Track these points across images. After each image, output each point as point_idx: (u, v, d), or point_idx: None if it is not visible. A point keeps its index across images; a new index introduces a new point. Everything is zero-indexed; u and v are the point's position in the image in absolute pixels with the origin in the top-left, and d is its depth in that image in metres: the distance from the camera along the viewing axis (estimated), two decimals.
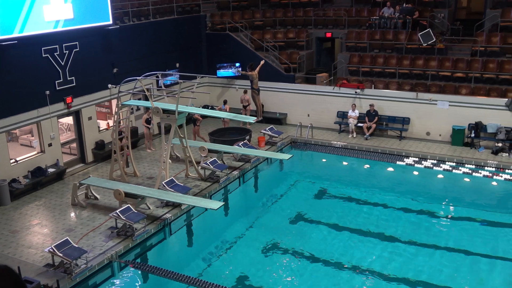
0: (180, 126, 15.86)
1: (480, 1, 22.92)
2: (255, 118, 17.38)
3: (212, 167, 16.16)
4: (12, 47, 15.05)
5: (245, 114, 21.01)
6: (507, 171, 16.94)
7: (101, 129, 18.97)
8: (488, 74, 19.17)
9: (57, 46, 16.51)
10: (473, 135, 18.43)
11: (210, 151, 17.26)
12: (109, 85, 18.59)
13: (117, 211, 12.89)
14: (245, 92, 21.48)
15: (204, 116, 19.97)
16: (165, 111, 15.21)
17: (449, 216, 15.25)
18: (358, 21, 23.31)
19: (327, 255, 12.84)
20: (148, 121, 19.09)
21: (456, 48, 20.79)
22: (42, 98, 16.22)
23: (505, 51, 19.53)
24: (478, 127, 18.39)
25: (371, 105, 19.89)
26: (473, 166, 17.42)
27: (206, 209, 14.02)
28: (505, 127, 17.94)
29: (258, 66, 20.14)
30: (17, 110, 15.57)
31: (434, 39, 20.12)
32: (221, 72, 22.79)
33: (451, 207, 15.73)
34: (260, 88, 20.64)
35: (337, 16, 23.60)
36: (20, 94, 15.56)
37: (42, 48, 16.10)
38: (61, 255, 11.15)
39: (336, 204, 16.11)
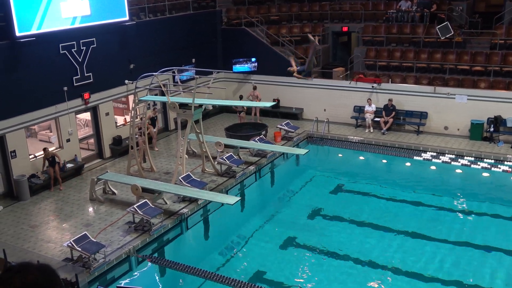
0: (197, 122, 15.89)
1: None
2: (272, 103, 16.83)
3: (228, 162, 16.19)
4: (30, 44, 15.19)
5: (254, 112, 21.05)
6: None
7: (118, 124, 19.11)
8: (508, 67, 18.87)
9: (75, 42, 16.64)
10: (492, 129, 18.17)
11: (226, 146, 17.28)
12: (126, 81, 18.69)
13: (135, 206, 12.99)
14: (254, 88, 21.40)
15: (220, 110, 19.88)
16: (181, 106, 15.24)
17: (468, 211, 15.07)
18: (375, 14, 23.10)
19: (344, 251, 12.77)
20: (153, 120, 18.95)
21: (474, 41, 20.49)
22: (60, 94, 16.39)
23: None
24: (497, 121, 18.12)
25: (390, 100, 19.69)
26: (492, 161, 17.18)
27: (223, 204, 14.05)
28: None
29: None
30: (36, 106, 15.73)
31: (452, 33, 19.83)
32: (237, 67, 22.77)
33: (470, 203, 15.53)
34: (277, 83, 20.48)
35: (354, 10, 23.43)
36: (38, 91, 15.72)
37: (60, 45, 16.23)
38: (79, 249, 11.28)
39: (353, 199, 16.02)
